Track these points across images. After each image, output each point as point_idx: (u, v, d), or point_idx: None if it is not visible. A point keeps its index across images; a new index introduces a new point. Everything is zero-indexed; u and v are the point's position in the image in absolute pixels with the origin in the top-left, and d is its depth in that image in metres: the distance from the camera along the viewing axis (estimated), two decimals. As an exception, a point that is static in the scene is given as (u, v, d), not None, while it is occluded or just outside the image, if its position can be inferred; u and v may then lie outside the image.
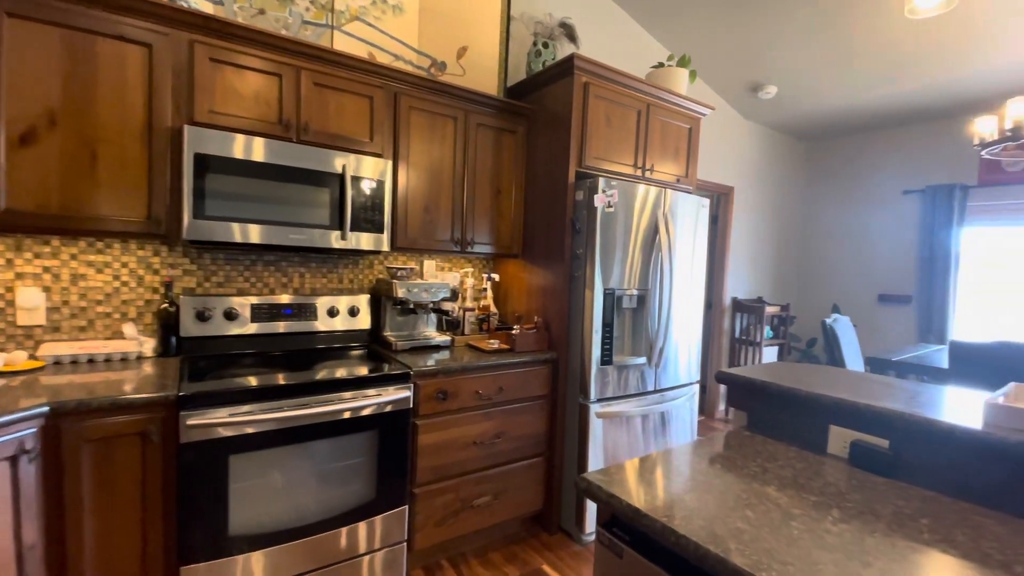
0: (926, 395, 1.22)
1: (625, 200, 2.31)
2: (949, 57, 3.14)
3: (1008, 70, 3.20)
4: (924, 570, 0.74)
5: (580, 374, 2.32)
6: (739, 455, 1.16)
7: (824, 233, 4.90)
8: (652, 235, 2.43)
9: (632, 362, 2.41)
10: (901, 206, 4.40)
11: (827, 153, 4.86)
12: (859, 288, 4.64)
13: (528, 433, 2.31)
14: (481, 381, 2.13)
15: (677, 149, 2.77)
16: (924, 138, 4.23)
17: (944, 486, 1.02)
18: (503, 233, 2.56)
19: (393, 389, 1.87)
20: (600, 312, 2.28)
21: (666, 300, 2.45)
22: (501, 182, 2.54)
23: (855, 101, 3.86)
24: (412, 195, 2.25)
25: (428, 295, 2.28)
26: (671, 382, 2.61)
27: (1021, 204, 3.78)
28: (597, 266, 2.25)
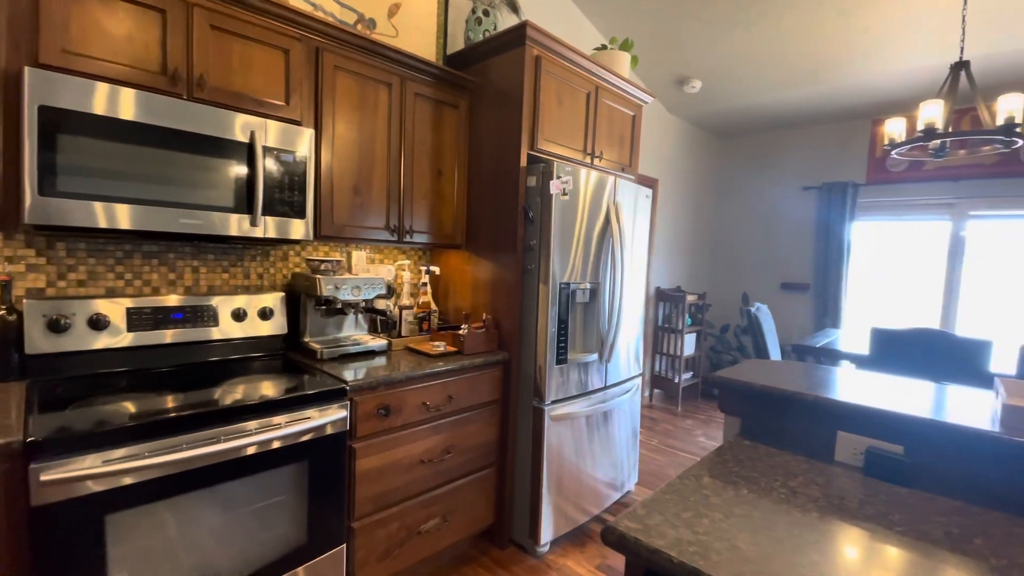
0: (932, 395, 1.18)
1: (577, 187, 2.14)
2: (847, 65, 3.37)
3: (899, 79, 3.52)
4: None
5: (534, 375, 2.13)
6: (755, 472, 1.04)
7: (734, 226, 5.19)
8: (604, 225, 2.30)
9: (585, 359, 2.27)
10: (801, 201, 4.76)
11: (739, 150, 5.14)
12: (764, 277, 4.98)
13: (479, 443, 2.08)
14: (429, 391, 1.85)
15: (622, 136, 2.67)
16: (822, 138, 4.61)
17: (967, 495, 0.96)
18: (445, 221, 2.28)
19: (326, 409, 1.54)
20: (556, 308, 2.10)
21: (617, 293, 2.34)
22: (442, 163, 2.25)
23: (769, 100, 4.06)
24: (339, 174, 1.89)
25: (359, 292, 1.95)
26: (618, 377, 2.52)
27: (902, 200, 4.25)
28: (553, 258, 2.06)
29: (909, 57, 3.19)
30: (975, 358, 2.20)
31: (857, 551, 0.77)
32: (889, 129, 2.82)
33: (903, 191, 4.24)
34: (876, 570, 0.72)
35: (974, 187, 3.91)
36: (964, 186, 3.96)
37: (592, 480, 2.38)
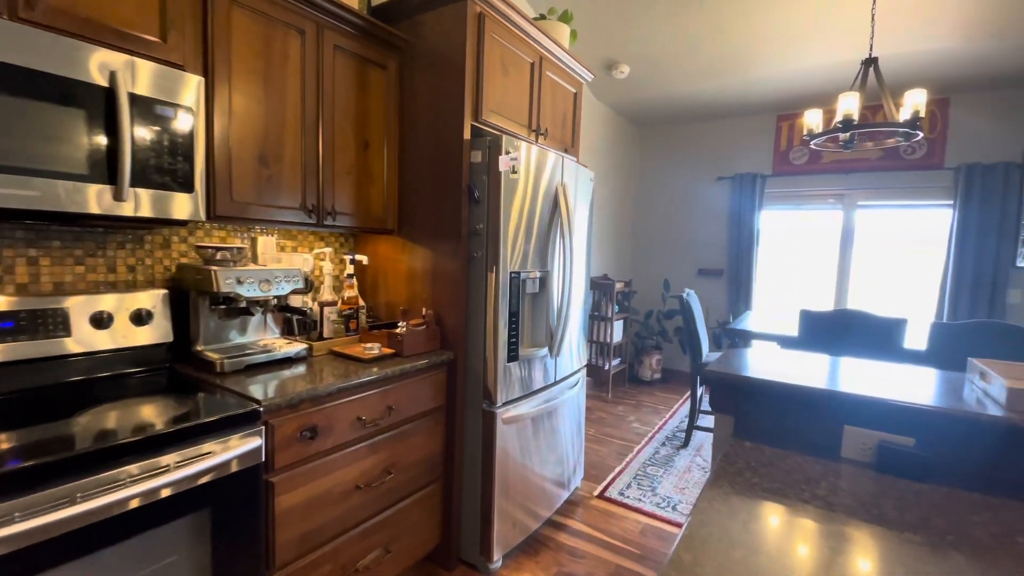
0: (926, 381, 1.14)
1: (525, 166, 1.93)
2: (758, 60, 3.50)
3: (803, 76, 3.73)
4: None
5: (483, 375, 1.91)
6: (776, 482, 0.91)
7: (655, 214, 5.31)
8: (552, 209, 2.12)
9: (535, 355, 2.09)
10: (715, 191, 4.98)
11: (658, 139, 5.25)
12: (683, 263, 5.16)
13: (423, 457, 1.81)
14: (364, 403, 1.55)
15: (565, 115, 2.50)
16: (734, 131, 4.83)
17: (982, 485, 0.91)
18: (373, 201, 1.96)
19: (231, 440, 1.19)
20: (506, 299, 1.88)
21: (567, 282, 2.18)
22: (369, 132, 1.92)
23: (690, 90, 4.14)
24: (240, 138, 1.50)
25: (269, 287, 1.58)
26: (567, 370, 2.38)
27: (802, 191, 4.58)
28: (502, 245, 1.84)
29: (814, 55, 3.37)
30: (892, 335, 2.36)
31: None
32: (808, 120, 2.95)
33: (803, 183, 4.57)
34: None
35: (862, 179, 4.31)
36: (854, 178, 4.35)
37: (542, 481, 2.21)
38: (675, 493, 2.69)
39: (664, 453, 3.23)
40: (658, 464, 3.06)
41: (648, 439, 3.44)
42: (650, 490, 2.72)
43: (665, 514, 2.47)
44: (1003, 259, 3.72)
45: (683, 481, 2.84)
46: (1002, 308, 3.74)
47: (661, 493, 2.69)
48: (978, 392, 1.06)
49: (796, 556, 0.69)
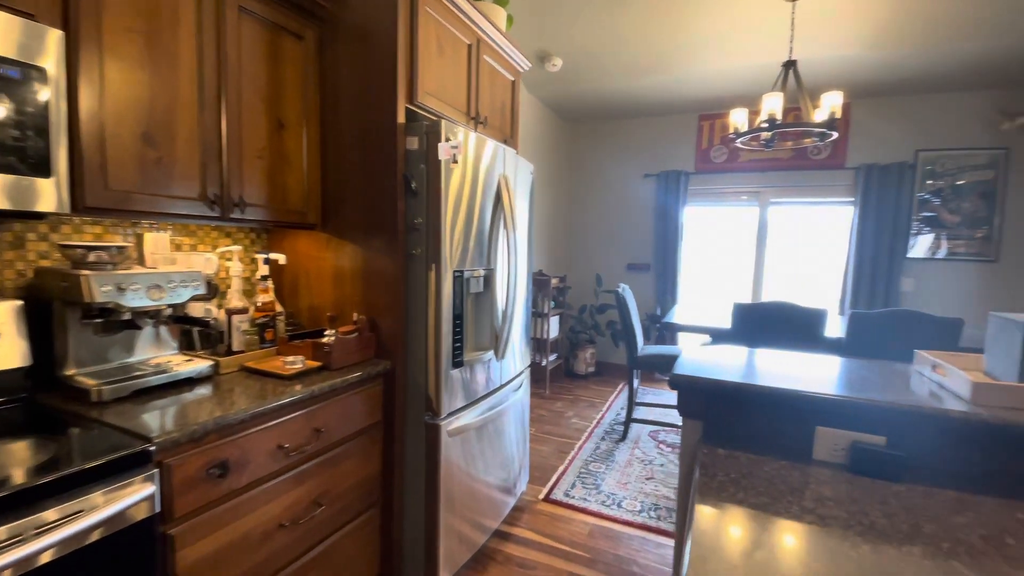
0: (873, 374, 1.14)
1: (466, 155, 1.78)
2: (683, 60, 3.59)
3: (723, 78, 3.89)
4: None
5: (425, 385, 1.73)
6: (760, 495, 0.85)
7: (586, 210, 5.35)
8: (495, 202, 1.98)
9: (480, 358, 1.95)
10: (643, 187, 5.10)
11: (587, 135, 5.28)
12: (614, 258, 5.25)
13: (358, 482, 1.61)
14: (286, 428, 1.33)
15: (503, 105, 2.37)
16: (660, 129, 4.97)
17: (956, 482, 0.91)
18: (291, 190, 1.71)
19: (115, 490, 0.94)
20: (450, 301, 1.72)
21: (512, 280, 2.06)
22: (284, 111, 1.66)
23: (620, 87, 4.18)
24: (118, 111, 1.21)
25: (161, 293, 1.31)
26: (512, 372, 2.27)
27: (722, 189, 4.80)
28: (445, 241, 1.67)
29: (734, 58, 3.50)
30: (815, 325, 2.49)
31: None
32: (734, 119, 3.05)
33: (722, 180, 4.80)
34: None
35: (774, 178, 4.60)
36: (767, 177, 4.62)
37: (489, 491, 2.08)
38: (619, 489, 2.68)
39: (604, 448, 3.22)
40: (599, 460, 3.04)
41: (588, 435, 3.43)
42: (594, 488, 2.68)
43: (611, 512, 2.44)
44: (897, 251, 4.13)
45: (625, 476, 2.84)
46: (896, 296, 4.15)
47: (605, 490, 2.66)
48: (931, 385, 1.08)
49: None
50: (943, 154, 4.04)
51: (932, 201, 4.11)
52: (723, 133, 4.77)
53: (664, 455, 3.14)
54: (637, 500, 2.57)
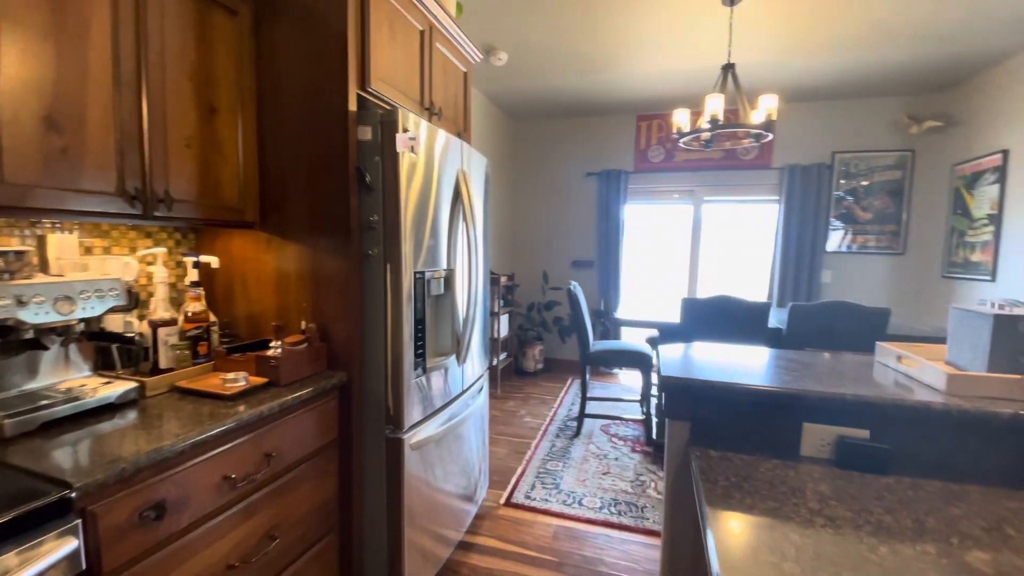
0: (854, 368, 1.17)
1: (426, 147, 1.66)
2: (623, 61, 3.65)
3: (660, 80, 4.01)
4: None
5: (386, 396, 1.61)
6: (765, 498, 0.83)
7: (532, 208, 5.34)
8: (454, 198, 1.88)
9: (442, 364, 1.85)
10: (585, 186, 5.16)
11: (531, 133, 5.26)
12: (559, 256, 5.28)
13: (313, 508, 1.46)
14: (232, 456, 1.16)
15: (456, 97, 2.27)
16: (601, 128, 5.04)
17: (939, 472, 0.94)
18: (225, 184, 1.51)
19: (32, 547, 0.76)
20: (411, 304, 1.60)
21: (474, 280, 1.97)
22: (217, 94, 1.46)
23: (563, 85, 4.18)
24: (15, 89, 0.99)
25: (71, 306, 1.10)
26: (473, 376, 2.18)
27: (659, 188, 4.96)
28: (404, 240, 1.55)
29: (671, 61, 3.60)
30: (759, 318, 2.61)
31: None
32: (676, 119, 3.13)
33: (660, 179, 4.96)
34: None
35: (707, 177, 4.82)
36: (700, 176, 4.83)
37: (451, 501, 1.99)
38: (578, 487, 2.67)
39: (560, 445, 3.21)
40: (556, 458, 3.03)
41: (542, 433, 3.41)
42: (554, 488, 2.66)
43: (573, 511, 2.43)
44: (817, 245, 4.46)
45: (583, 473, 2.84)
46: (818, 287, 4.49)
47: (565, 489, 2.65)
48: (898, 376, 1.13)
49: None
50: (856, 155, 4.41)
51: (847, 199, 4.48)
52: (660, 134, 4.93)
53: (617, 448, 3.18)
54: (597, 497, 2.57)
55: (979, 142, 3.72)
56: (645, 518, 2.38)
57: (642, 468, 2.91)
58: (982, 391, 0.96)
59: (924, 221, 4.30)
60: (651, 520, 2.36)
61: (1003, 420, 0.89)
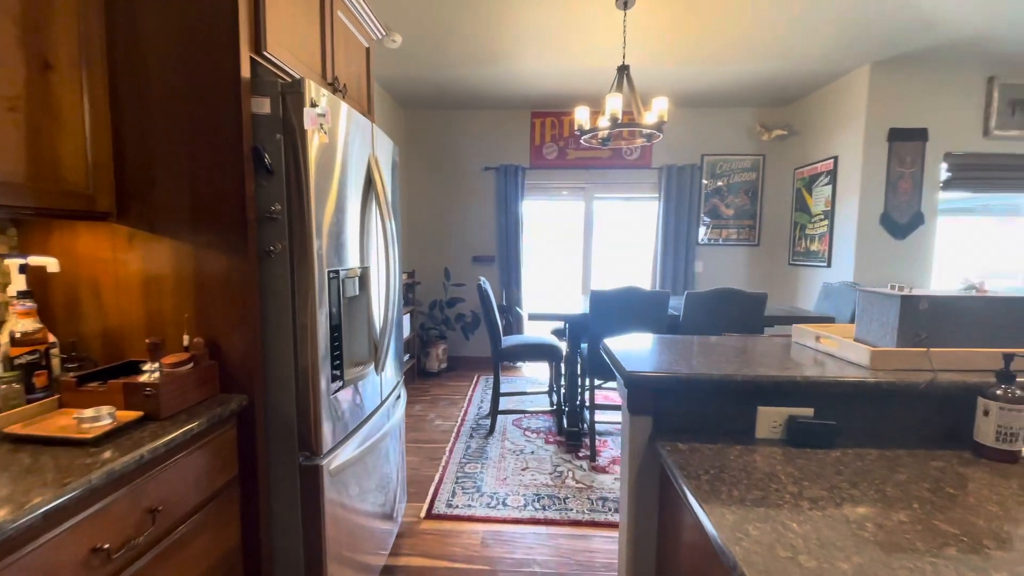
0: (781, 350, 1.24)
1: (332, 128, 1.44)
2: (518, 55, 3.66)
3: (555, 78, 4.09)
4: None
5: (297, 418, 1.37)
6: (755, 489, 0.83)
7: (430, 202, 5.13)
8: (366, 187, 1.68)
9: (361, 374, 1.64)
10: (483, 180, 5.10)
11: (427, 124, 5.05)
12: (459, 252, 5.17)
13: (214, 563, 1.19)
14: (103, 519, 0.88)
15: (359, 74, 2.04)
16: (497, 122, 5.02)
17: (874, 441, 1.03)
18: (67, 163, 1.15)
19: None
20: (326, 308, 1.38)
21: (392, 278, 1.78)
22: (52, 45, 1.10)
23: (457, 75, 4.05)
24: None
25: None
26: (390, 385, 1.99)
27: (554, 184, 5.09)
28: (316, 233, 1.33)
29: (566, 59, 3.69)
30: (659, 306, 2.78)
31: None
32: (578, 116, 3.20)
33: (554, 176, 5.09)
34: None
35: (596, 175, 5.05)
36: (591, 174, 5.06)
37: (372, 524, 1.79)
38: (499, 487, 2.61)
39: (475, 446, 3.12)
40: (473, 460, 2.93)
41: (455, 435, 3.28)
42: (476, 491, 2.56)
43: (498, 514, 2.35)
44: (691, 239, 4.92)
45: (502, 471, 2.78)
46: (692, 277, 4.96)
47: (487, 491, 2.57)
48: (818, 355, 1.23)
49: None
50: (720, 158, 4.94)
51: (713, 197, 5.01)
52: (554, 131, 5.05)
53: (532, 441, 3.18)
54: (519, 494, 2.53)
55: (815, 149, 4.39)
56: (568, 509, 2.40)
57: (558, 459, 2.94)
58: (897, 364, 1.07)
59: (774, 216, 4.97)
60: (574, 510, 2.38)
61: (920, 389, 1.00)
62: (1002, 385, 0.94)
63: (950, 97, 3.67)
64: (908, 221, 3.82)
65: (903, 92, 3.68)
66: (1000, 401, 0.93)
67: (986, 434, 0.95)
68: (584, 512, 2.37)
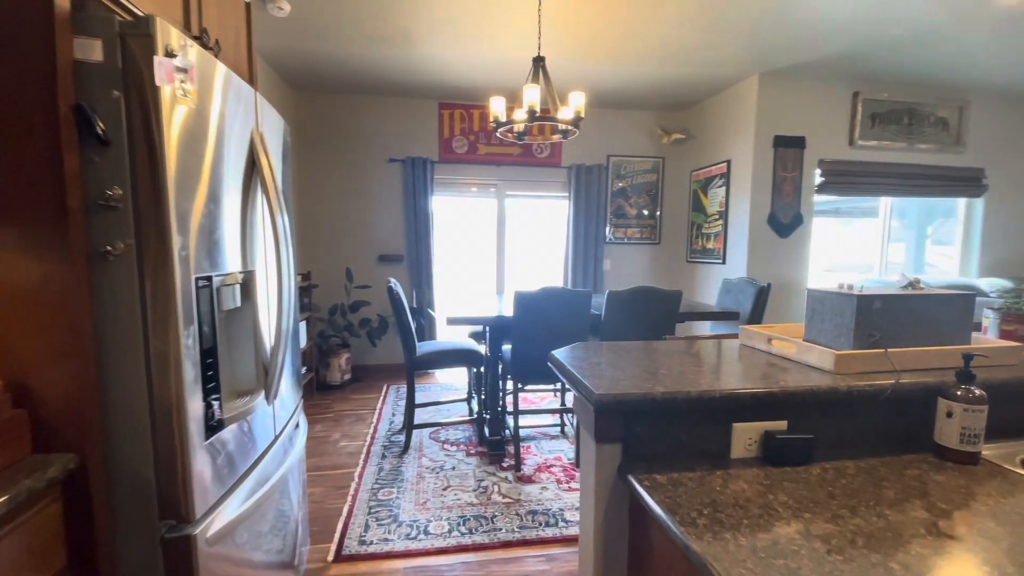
0: (736, 354, 1.16)
1: (201, 91, 1.10)
2: (425, 40, 3.41)
3: (462, 68, 3.88)
4: None
5: (157, 475, 1.02)
6: (759, 532, 0.70)
7: (327, 196, 4.64)
8: (249, 170, 1.34)
9: (247, 407, 1.30)
10: (389, 173, 4.73)
11: (321, 109, 4.55)
12: (363, 250, 4.74)
13: None
14: None
15: (237, 30, 1.66)
16: (403, 111, 4.67)
17: (848, 451, 0.97)
18: None
19: None
20: (194, 327, 1.05)
21: (287, 284, 1.45)
22: None
23: (355, 54, 3.66)
24: None
25: None
26: (286, 413, 1.65)
27: (466, 179, 4.88)
28: (177, 228, 0.99)
29: (475, 47, 3.50)
30: (583, 306, 2.70)
31: None
32: (493, 107, 3.02)
33: (465, 171, 4.88)
34: None
35: (508, 172, 4.93)
36: (502, 171, 4.92)
37: (270, 591, 1.46)
38: (420, 513, 2.35)
39: (389, 467, 2.82)
40: (388, 483, 2.63)
41: (365, 457, 2.94)
42: (392, 522, 2.28)
43: (420, 544, 2.10)
44: (599, 237, 4.99)
45: (421, 494, 2.52)
46: (601, 275, 5.04)
47: (405, 520, 2.29)
48: (772, 359, 1.16)
49: None
50: (625, 159, 5.08)
51: (619, 197, 5.13)
52: (463, 124, 4.83)
53: (452, 455, 2.95)
54: (443, 519, 2.30)
55: (710, 152, 4.66)
56: (497, 529, 2.21)
57: (481, 472, 2.75)
58: (860, 367, 1.03)
59: (673, 216, 5.22)
60: (504, 529, 2.21)
61: (886, 393, 0.96)
62: (962, 385, 0.92)
63: (824, 108, 4.07)
64: (790, 221, 4.19)
65: (786, 102, 4.01)
66: (963, 403, 0.90)
67: (949, 436, 0.92)
68: (514, 530, 2.20)
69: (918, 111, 4.19)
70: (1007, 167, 4.49)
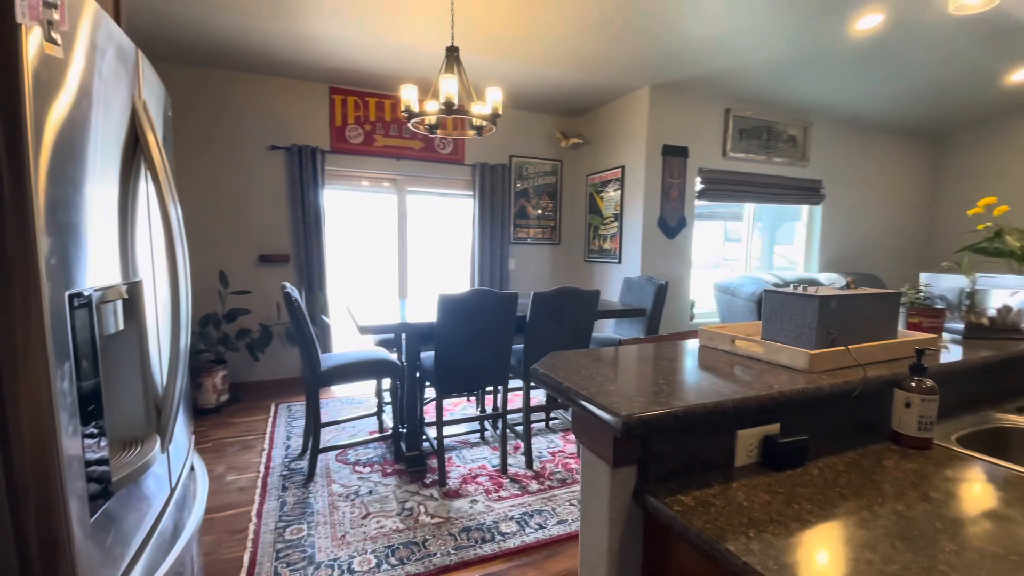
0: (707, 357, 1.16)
1: (73, 39, 0.80)
2: (314, 9, 3.08)
3: (354, 51, 3.58)
4: None
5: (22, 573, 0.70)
6: (816, 549, 0.67)
7: (193, 187, 3.95)
8: (128, 146, 1.02)
9: (141, 460, 0.99)
10: (269, 162, 4.19)
11: (184, 87, 3.85)
12: (239, 252, 4.14)
13: None
14: None
15: (96, -32, 1.27)
16: (287, 94, 4.16)
17: (828, 447, 1.00)
18: None
19: None
20: (70, 363, 0.75)
21: (184, 296, 1.14)
22: None
23: (234, 24, 3.16)
24: None
25: None
26: (181, 457, 1.32)
27: (362, 173, 4.52)
28: (40, 224, 0.69)
29: (367, 29, 3.24)
30: (510, 309, 2.62)
31: None
32: (405, 96, 2.81)
33: (361, 164, 4.52)
34: None
35: (409, 167, 4.68)
36: (403, 165, 4.66)
37: None
38: (339, 549, 2.08)
39: (293, 500, 2.46)
40: (295, 520, 2.29)
41: (262, 491, 2.54)
42: (308, 564, 1.98)
43: (345, 587, 1.85)
44: (504, 237, 4.97)
45: (338, 527, 2.24)
46: (507, 275, 5.03)
47: (324, 559, 2.01)
48: (739, 359, 1.19)
49: None
50: (526, 160, 5.12)
51: (521, 198, 5.17)
52: (358, 112, 4.46)
53: (366, 478, 2.68)
54: (368, 553, 2.06)
55: (605, 158, 4.89)
56: (431, 554, 2.04)
57: (403, 493, 2.53)
58: (828, 365, 1.09)
59: (571, 218, 5.40)
60: (438, 554, 2.04)
61: (858, 388, 1.02)
62: (915, 377, 1.02)
63: (703, 121, 4.50)
64: (676, 224, 4.56)
65: (672, 113, 4.36)
66: (920, 393, 0.99)
67: (908, 425, 1.01)
68: (449, 553, 2.05)
69: (774, 128, 4.85)
70: (838, 179, 5.41)
